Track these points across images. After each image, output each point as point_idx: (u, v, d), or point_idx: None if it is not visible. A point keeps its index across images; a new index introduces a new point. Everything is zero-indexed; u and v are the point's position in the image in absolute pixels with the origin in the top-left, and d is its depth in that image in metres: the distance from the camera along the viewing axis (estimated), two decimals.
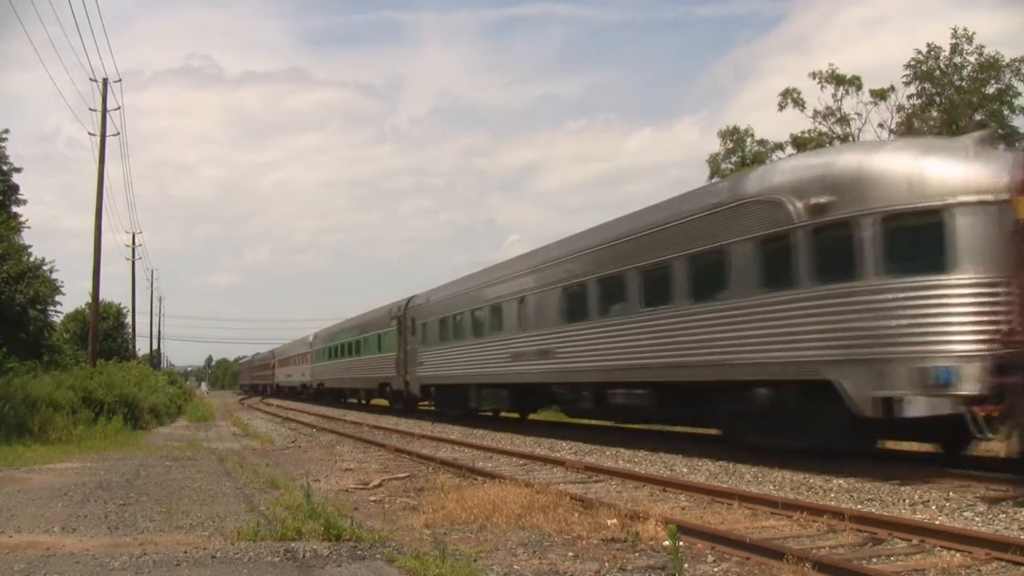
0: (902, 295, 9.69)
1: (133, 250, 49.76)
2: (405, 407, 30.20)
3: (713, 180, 31.57)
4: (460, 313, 23.37)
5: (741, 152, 35.56)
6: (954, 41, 30.90)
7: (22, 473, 12.52)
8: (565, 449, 15.29)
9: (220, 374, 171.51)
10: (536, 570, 6.12)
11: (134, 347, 58.48)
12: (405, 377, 27.98)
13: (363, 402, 39.55)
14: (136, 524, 8.03)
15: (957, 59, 30.97)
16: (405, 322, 28.32)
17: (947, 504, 8.36)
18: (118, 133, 34.20)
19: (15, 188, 30.56)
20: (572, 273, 16.76)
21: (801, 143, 32.32)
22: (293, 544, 6.70)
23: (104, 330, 46.90)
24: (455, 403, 24.66)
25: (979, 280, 9.29)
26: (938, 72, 31.25)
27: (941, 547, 6.46)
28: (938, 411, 9.32)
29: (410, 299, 28.74)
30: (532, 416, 23.71)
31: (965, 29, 30.73)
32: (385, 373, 30.74)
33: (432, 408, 28.49)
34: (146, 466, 13.49)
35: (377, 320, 33.00)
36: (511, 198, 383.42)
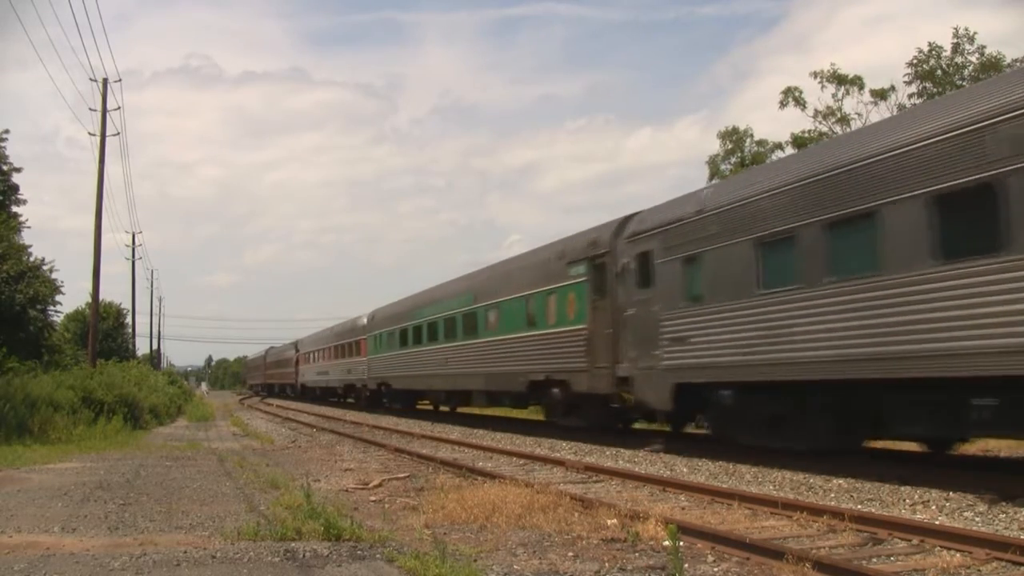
0: None
1: (133, 250, 49.94)
2: (600, 425, 16.80)
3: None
4: (848, 219, 10.20)
5: (740, 153, 35.57)
6: (955, 41, 30.92)
7: (22, 473, 12.51)
8: (565, 449, 15.29)
9: (220, 374, 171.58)
10: (536, 570, 6.12)
11: (134, 347, 58.59)
12: (613, 371, 15.03)
13: (440, 411, 29.12)
14: (136, 524, 8.02)
15: (958, 59, 30.97)
16: (613, 265, 15.31)
17: (947, 504, 8.35)
18: (118, 133, 34.41)
19: (15, 188, 30.61)
20: None
21: (801, 143, 32.30)
22: (293, 544, 6.70)
23: (104, 330, 46.87)
24: (798, 425, 11.48)
25: None
26: (939, 72, 31.25)
27: (941, 547, 6.46)
28: None
29: (626, 220, 15.66)
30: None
31: (967, 29, 30.76)
32: (549, 364, 17.59)
33: (669, 430, 16.16)
34: (146, 466, 13.48)
35: (527, 272, 19.19)
36: (511, 198, 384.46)
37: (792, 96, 33.86)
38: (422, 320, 27.01)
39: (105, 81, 30.16)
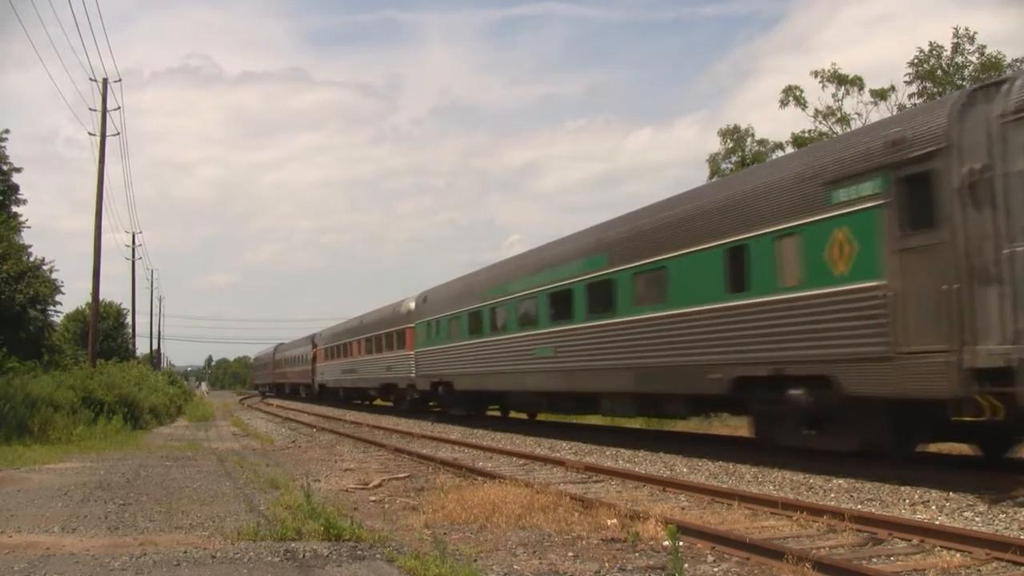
0: None
1: (133, 250, 49.93)
2: (898, 453, 10.42)
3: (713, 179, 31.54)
4: None
5: (741, 151, 35.58)
6: (955, 41, 30.95)
7: (22, 473, 12.52)
8: (565, 449, 15.29)
9: (220, 374, 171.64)
10: (536, 570, 6.11)
11: (134, 347, 58.60)
12: (960, 357, 8.52)
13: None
14: (136, 524, 8.03)
15: (959, 59, 31.00)
16: (952, 174, 8.75)
17: (947, 504, 8.35)
18: (118, 133, 34.44)
19: (15, 188, 30.64)
20: None
21: (801, 142, 32.31)
22: (293, 544, 6.70)
23: (104, 330, 46.91)
24: None
25: None
26: (940, 72, 31.26)
27: (941, 547, 6.46)
28: None
29: (981, 91, 8.95)
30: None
31: (967, 29, 30.80)
32: (783, 349, 10.92)
33: None
34: (146, 466, 13.49)
35: (729, 210, 12.15)
36: (511, 198, 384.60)
37: (793, 95, 33.90)
38: (507, 298, 19.97)
39: (105, 81, 30.20)
